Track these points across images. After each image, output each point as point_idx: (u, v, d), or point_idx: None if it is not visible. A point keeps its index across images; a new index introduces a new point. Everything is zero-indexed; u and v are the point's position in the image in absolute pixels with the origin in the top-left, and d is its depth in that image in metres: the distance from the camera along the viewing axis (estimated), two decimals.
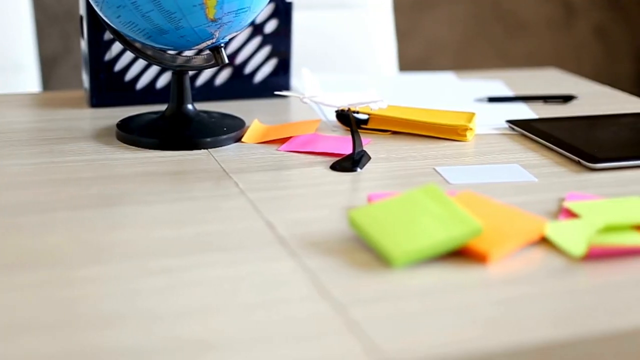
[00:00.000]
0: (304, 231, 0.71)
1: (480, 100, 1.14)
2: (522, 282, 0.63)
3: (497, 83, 1.24)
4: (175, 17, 0.87)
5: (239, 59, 1.11)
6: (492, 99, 1.13)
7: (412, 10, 2.34)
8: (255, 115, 1.05)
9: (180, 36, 0.89)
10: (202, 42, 0.90)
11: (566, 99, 1.15)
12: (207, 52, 0.96)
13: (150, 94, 1.09)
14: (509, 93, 1.19)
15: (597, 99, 1.19)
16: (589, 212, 0.74)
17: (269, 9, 1.10)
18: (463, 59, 2.41)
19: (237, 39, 1.10)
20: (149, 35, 0.89)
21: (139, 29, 0.89)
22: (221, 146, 0.93)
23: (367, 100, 0.86)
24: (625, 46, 2.59)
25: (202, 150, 0.92)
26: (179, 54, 1.02)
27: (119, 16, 0.88)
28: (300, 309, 0.59)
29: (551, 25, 2.48)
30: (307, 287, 0.62)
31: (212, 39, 0.90)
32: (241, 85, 1.12)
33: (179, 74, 0.96)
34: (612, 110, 1.12)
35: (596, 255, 0.67)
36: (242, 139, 0.95)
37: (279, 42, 1.12)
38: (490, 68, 2.45)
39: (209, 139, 0.93)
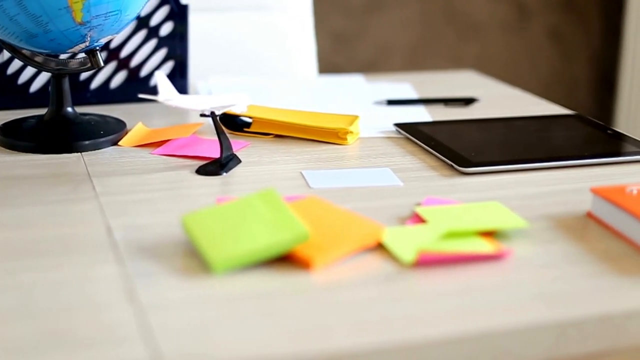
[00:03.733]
0: (141, 236, 0.70)
1: (379, 103, 1.13)
2: (343, 289, 0.62)
3: (404, 86, 1.23)
4: (42, 21, 0.85)
5: (134, 62, 1.10)
6: (391, 102, 1.12)
7: (362, 13, 2.33)
8: (149, 118, 1.04)
9: (50, 39, 0.88)
10: (75, 46, 0.89)
11: (467, 101, 1.14)
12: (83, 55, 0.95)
13: (44, 97, 1.08)
14: (414, 96, 1.18)
15: (502, 102, 1.18)
16: (437, 217, 0.73)
17: (163, 11, 1.09)
18: (414, 61, 2.40)
19: (131, 42, 1.09)
20: (20, 39, 0.88)
21: (10, 33, 0.88)
22: (98, 149, 0.92)
23: (228, 103, 0.85)
24: (581, 48, 2.58)
25: (76, 154, 0.91)
26: (56, 56, 1.01)
27: None
28: (102, 315, 0.58)
29: (505, 27, 2.46)
30: (118, 292, 0.61)
31: (84, 42, 0.89)
32: (137, 88, 1.10)
33: (57, 77, 0.95)
34: (514, 113, 1.11)
35: (426, 262, 0.66)
36: (119, 142, 0.94)
37: (175, 45, 1.10)
38: (441, 71, 2.44)
39: (86, 142, 0.92)
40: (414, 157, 0.91)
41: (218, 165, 0.85)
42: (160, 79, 0.79)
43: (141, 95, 0.78)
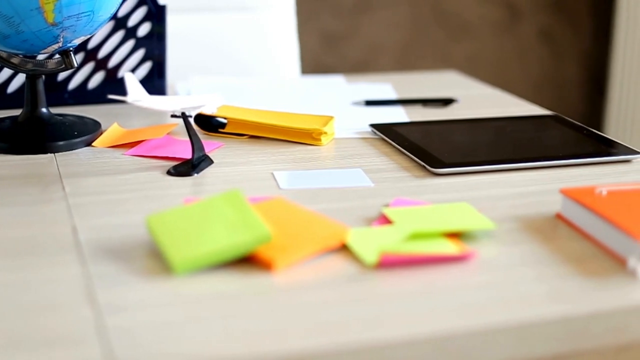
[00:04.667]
0: (106, 237, 0.70)
1: (357, 103, 1.13)
2: (303, 290, 0.62)
3: (384, 86, 1.23)
4: (14, 22, 0.85)
5: (112, 63, 1.10)
6: (369, 102, 1.12)
7: (352, 13, 2.32)
8: (127, 119, 1.04)
9: (23, 40, 0.87)
10: (48, 46, 0.89)
11: (446, 102, 1.14)
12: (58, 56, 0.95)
13: (22, 97, 1.08)
14: (394, 97, 1.18)
15: (482, 102, 1.18)
16: (404, 218, 0.73)
17: (141, 12, 1.09)
18: (404, 62, 2.39)
19: (109, 42, 1.09)
20: None
21: None
22: (71, 150, 0.92)
23: (197, 103, 0.85)
24: (571, 49, 2.58)
25: (49, 155, 0.91)
26: (32, 57, 1.01)
27: None
28: (61, 316, 0.57)
29: (495, 28, 2.46)
30: (78, 293, 0.61)
31: (57, 43, 0.89)
32: (115, 89, 1.10)
33: (31, 78, 0.95)
34: (492, 114, 1.11)
35: (388, 263, 0.65)
36: (94, 143, 0.94)
37: (153, 46, 1.10)
38: (432, 71, 2.44)
39: (60, 143, 0.92)
40: (387, 158, 0.91)
41: (189, 166, 0.85)
42: (129, 80, 0.79)
43: (110, 96, 0.78)
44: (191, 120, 1.00)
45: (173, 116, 0.84)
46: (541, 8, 2.49)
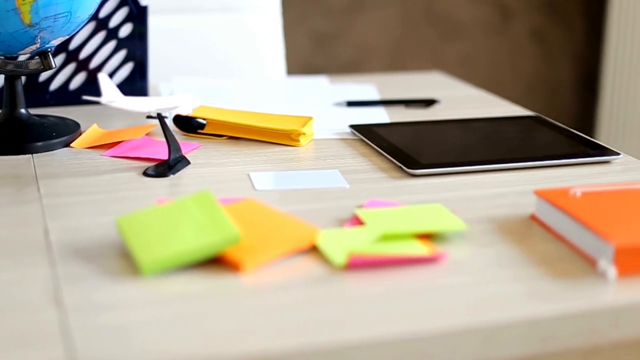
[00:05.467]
0: (77, 238, 0.70)
1: (338, 104, 1.13)
2: (271, 291, 0.62)
3: (367, 87, 1.23)
4: None
5: (94, 63, 1.10)
6: (350, 103, 1.12)
7: (343, 13, 2.32)
8: (109, 120, 1.04)
9: (0, 41, 0.87)
10: (26, 47, 0.89)
11: (428, 103, 1.14)
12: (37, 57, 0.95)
13: (0, 99, 1.08)
14: (376, 97, 1.17)
15: (464, 103, 1.18)
16: (376, 220, 0.73)
17: (122, 13, 1.09)
18: (395, 62, 2.39)
19: (91, 43, 1.09)
20: None
21: None
22: (50, 151, 0.92)
23: (172, 104, 0.85)
24: (563, 49, 2.57)
25: (27, 155, 0.90)
26: (14, 58, 1.01)
27: None
28: (27, 317, 0.57)
29: (486, 28, 2.46)
30: (46, 294, 0.61)
31: (35, 43, 0.89)
32: (97, 90, 1.10)
33: (10, 79, 0.95)
34: (474, 115, 1.11)
35: (357, 264, 0.65)
36: (72, 144, 0.94)
37: (134, 47, 1.10)
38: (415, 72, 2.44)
39: (38, 144, 0.92)
40: (365, 159, 0.91)
41: (166, 167, 0.85)
42: (103, 81, 0.79)
43: (85, 97, 0.78)
44: (169, 121, 1.00)
45: (149, 117, 0.84)
46: (533, 8, 2.49)
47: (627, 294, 0.63)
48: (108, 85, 0.79)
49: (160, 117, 0.84)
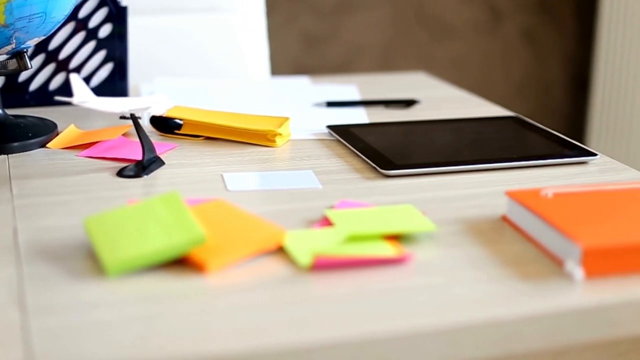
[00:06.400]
0: (45, 239, 0.70)
1: (318, 104, 1.13)
2: (235, 292, 0.62)
3: (349, 88, 1.23)
4: None
5: (74, 63, 1.10)
6: (330, 104, 1.12)
7: (333, 14, 2.32)
8: (88, 120, 1.04)
9: None
10: (1, 47, 0.89)
11: (408, 103, 1.14)
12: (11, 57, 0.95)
13: None
14: (357, 98, 1.17)
15: (445, 104, 1.18)
16: (345, 220, 0.73)
17: (102, 13, 1.09)
18: (386, 63, 2.39)
19: (70, 43, 1.09)
20: None
21: None
22: (26, 151, 0.92)
23: (144, 105, 0.85)
24: (554, 49, 2.57)
25: (3, 156, 0.90)
26: None
27: None
28: None
29: (477, 28, 2.46)
30: (9, 295, 0.61)
31: (10, 44, 0.89)
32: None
33: None
34: (454, 115, 1.11)
35: (322, 266, 0.65)
36: (48, 144, 0.94)
37: (114, 47, 1.10)
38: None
39: (14, 144, 0.92)
40: (341, 160, 0.91)
41: (140, 168, 0.85)
42: (75, 81, 0.79)
43: (56, 98, 0.78)
44: (145, 121, 1.00)
45: (122, 117, 0.84)
46: (524, 9, 2.49)
47: (593, 296, 0.63)
48: (80, 86, 0.79)
49: (134, 118, 0.84)
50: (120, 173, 0.84)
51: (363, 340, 0.57)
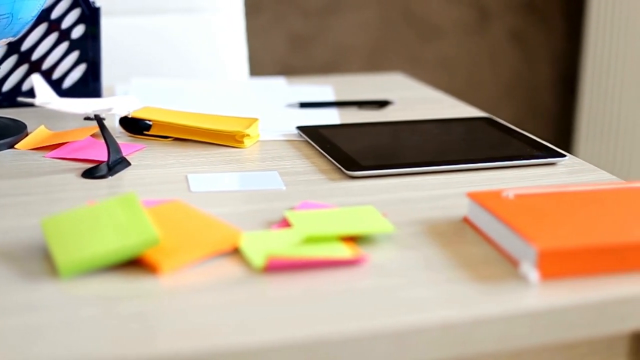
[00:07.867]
0: (3, 240, 0.70)
1: (291, 105, 1.13)
2: (187, 293, 0.62)
3: (325, 89, 1.23)
4: None
5: (46, 65, 1.10)
6: (303, 105, 1.12)
7: (320, 14, 2.32)
8: (60, 121, 1.04)
9: None
10: None
11: (381, 104, 1.14)
12: None
13: None
14: (332, 99, 1.18)
15: (419, 105, 1.18)
16: (303, 222, 0.73)
17: (75, 14, 1.09)
18: (373, 63, 2.39)
19: (43, 45, 1.09)
20: None
21: None
22: None
23: (109, 106, 0.85)
24: (542, 50, 2.57)
25: None
26: None
27: None
28: None
29: (465, 29, 2.46)
30: None
31: None
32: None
33: None
34: (426, 116, 1.11)
35: (276, 267, 0.65)
36: (16, 145, 0.94)
37: (87, 48, 1.10)
38: (399, 73, 2.44)
39: None
40: (308, 161, 0.91)
41: (105, 169, 0.85)
42: (37, 82, 0.79)
43: (19, 99, 0.78)
44: (115, 122, 1.00)
45: (86, 119, 0.84)
46: (511, 9, 2.49)
47: (548, 298, 0.63)
48: (43, 87, 0.79)
49: (98, 119, 0.84)
50: (86, 174, 0.85)
51: (313, 341, 0.57)
